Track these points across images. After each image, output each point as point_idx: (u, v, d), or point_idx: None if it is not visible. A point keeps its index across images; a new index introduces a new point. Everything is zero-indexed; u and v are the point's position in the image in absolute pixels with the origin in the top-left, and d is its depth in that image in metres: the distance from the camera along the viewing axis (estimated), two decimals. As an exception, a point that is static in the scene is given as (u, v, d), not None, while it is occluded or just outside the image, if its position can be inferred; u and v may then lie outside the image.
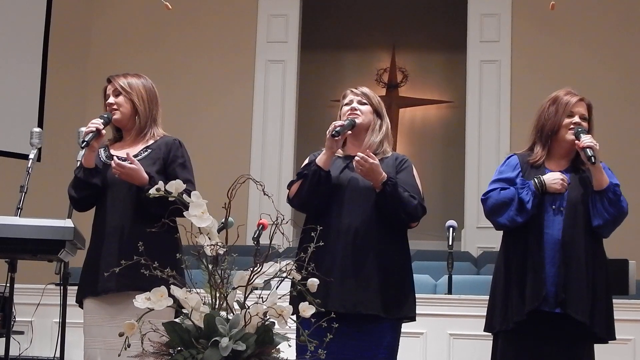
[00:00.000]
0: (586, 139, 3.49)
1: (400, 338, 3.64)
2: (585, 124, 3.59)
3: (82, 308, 3.62)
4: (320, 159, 3.60)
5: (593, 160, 3.46)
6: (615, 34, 9.30)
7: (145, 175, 3.42)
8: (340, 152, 3.72)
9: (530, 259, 3.51)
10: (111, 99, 3.61)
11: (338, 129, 3.56)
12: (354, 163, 3.50)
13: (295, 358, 2.67)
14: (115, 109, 3.60)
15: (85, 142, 3.45)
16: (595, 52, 9.28)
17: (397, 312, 3.57)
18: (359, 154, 3.49)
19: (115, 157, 3.49)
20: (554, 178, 3.51)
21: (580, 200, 3.51)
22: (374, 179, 3.52)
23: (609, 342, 3.57)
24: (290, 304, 2.41)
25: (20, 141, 6.88)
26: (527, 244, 3.53)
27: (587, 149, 3.47)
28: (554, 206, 3.51)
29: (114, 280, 3.28)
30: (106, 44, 9.68)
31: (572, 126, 3.57)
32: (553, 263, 3.46)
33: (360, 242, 3.54)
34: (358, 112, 3.68)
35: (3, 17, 8.96)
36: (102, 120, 3.53)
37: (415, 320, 3.66)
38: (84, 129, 3.88)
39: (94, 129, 3.48)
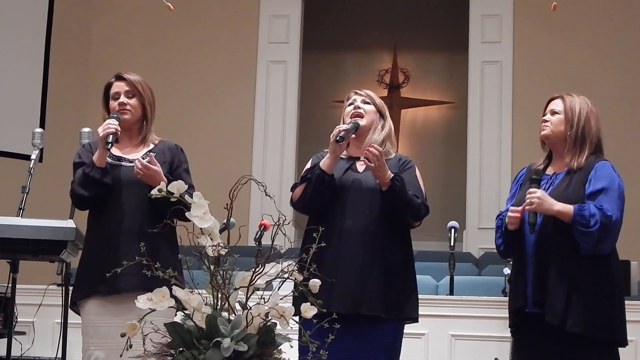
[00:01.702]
0: (528, 199, 3.43)
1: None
2: (554, 118, 3.55)
3: (73, 309, 3.58)
4: (324, 163, 3.60)
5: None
6: (616, 35, 9.30)
7: (164, 177, 3.43)
8: (343, 154, 3.72)
9: (515, 262, 3.58)
10: (124, 99, 3.57)
11: (342, 133, 3.56)
12: (364, 155, 3.48)
13: (297, 359, 2.67)
14: (128, 110, 3.58)
15: (110, 144, 3.44)
16: (596, 52, 9.28)
17: (399, 313, 3.56)
18: (371, 146, 3.49)
19: (139, 159, 3.48)
20: (507, 216, 3.49)
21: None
22: (382, 175, 3.52)
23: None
24: (293, 304, 2.41)
25: (22, 142, 6.90)
26: (514, 248, 3.59)
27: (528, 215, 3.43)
28: None
29: (137, 279, 3.25)
30: (107, 45, 9.69)
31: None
32: (532, 265, 3.47)
33: (362, 243, 3.54)
34: (361, 111, 3.68)
35: (5, 18, 8.97)
36: (117, 121, 3.52)
37: (417, 321, 3.66)
38: (86, 130, 3.89)
39: (114, 130, 3.46)
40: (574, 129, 3.51)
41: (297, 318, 2.45)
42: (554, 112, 3.56)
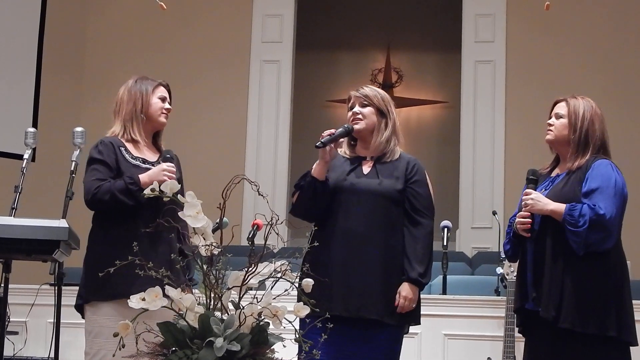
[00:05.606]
0: (524, 201, 3.49)
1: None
2: (558, 122, 3.55)
3: (78, 310, 3.56)
4: (315, 169, 3.59)
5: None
6: (609, 35, 9.31)
7: None
8: (348, 154, 3.72)
9: (519, 262, 3.62)
10: (168, 105, 3.74)
11: (324, 139, 3.54)
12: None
13: (293, 358, 2.67)
14: (167, 116, 3.74)
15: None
16: (589, 52, 9.29)
17: (400, 317, 3.56)
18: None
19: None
20: (518, 222, 3.51)
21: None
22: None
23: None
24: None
25: (15, 141, 6.87)
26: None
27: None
28: None
29: (160, 282, 3.23)
30: (101, 46, 9.67)
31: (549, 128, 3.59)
32: (531, 263, 3.50)
33: (363, 245, 3.52)
34: (360, 117, 3.66)
35: (-3, 17, 8.95)
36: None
37: (419, 323, 3.67)
38: (79, 129, 3.88)
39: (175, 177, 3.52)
40: (577, 133, 3.52)
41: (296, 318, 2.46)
42: (558, 116, 3.56)
